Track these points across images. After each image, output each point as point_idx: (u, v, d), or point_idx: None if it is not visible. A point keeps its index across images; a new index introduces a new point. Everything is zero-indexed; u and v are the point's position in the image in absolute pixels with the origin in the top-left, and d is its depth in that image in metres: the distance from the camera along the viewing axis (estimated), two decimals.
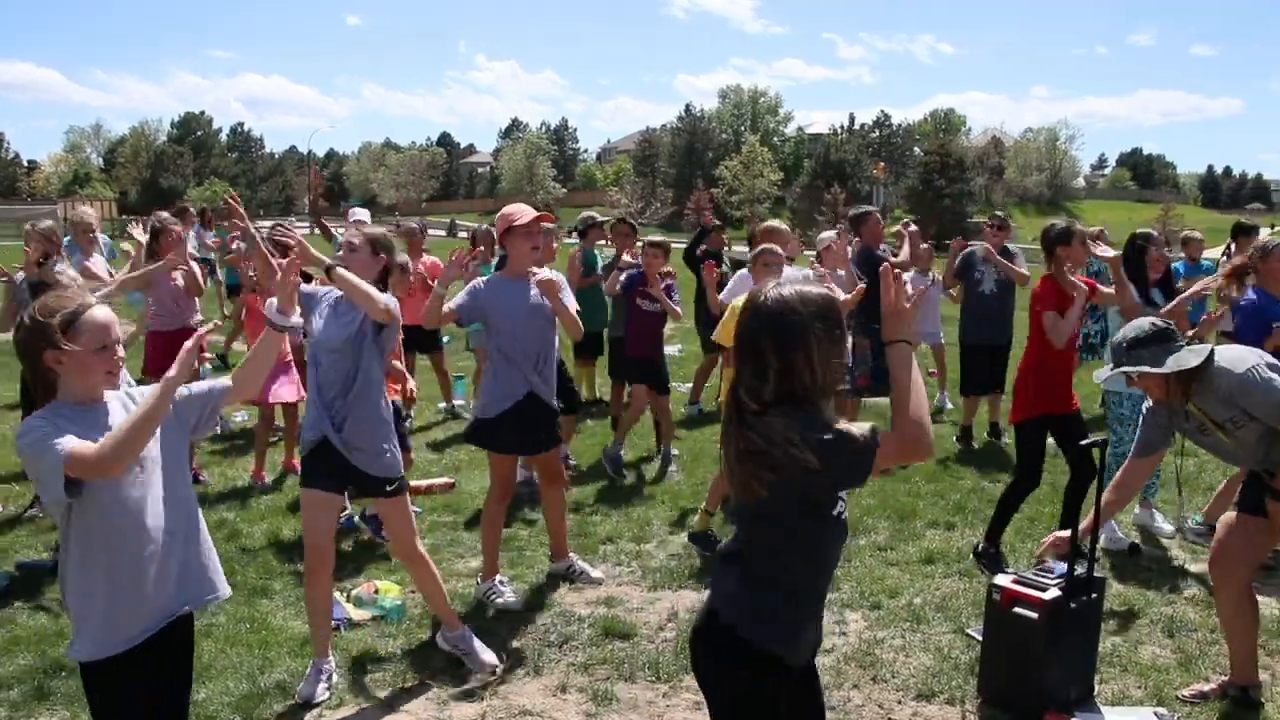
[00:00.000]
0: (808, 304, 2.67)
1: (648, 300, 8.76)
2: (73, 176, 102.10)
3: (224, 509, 7.68)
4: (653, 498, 7.92)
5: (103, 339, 3.07)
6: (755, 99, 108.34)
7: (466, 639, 5.16)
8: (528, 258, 5.77)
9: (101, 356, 3.07)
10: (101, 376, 3.10)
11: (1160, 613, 5.81)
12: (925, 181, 78.08)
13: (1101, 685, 4.91)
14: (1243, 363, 4.40)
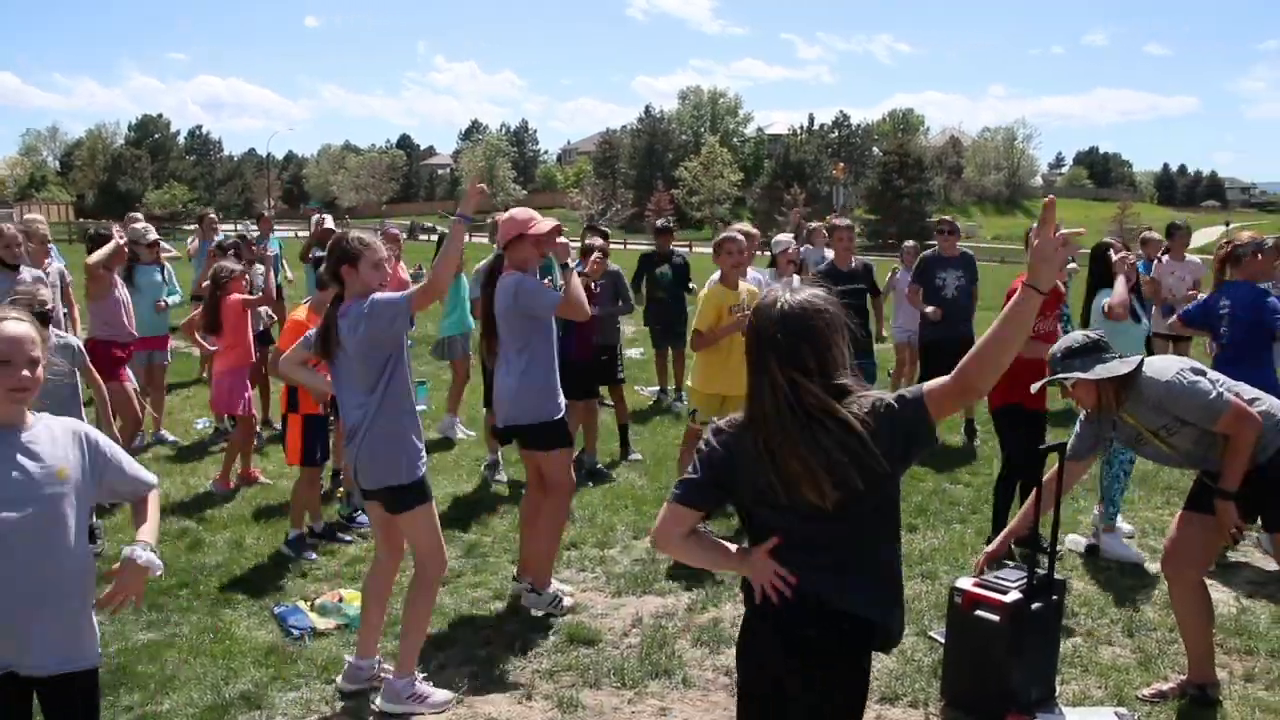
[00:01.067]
0: (827, 302, 2.79)
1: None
2: (29, 180, 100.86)
3: (185, 518, 7.62)
4: (616, 503, 7.93)
5: (5, 354, 2.92)
6: (715, 100, 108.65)
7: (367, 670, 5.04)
8: (531, 265, 5.78)
9: (4, 372, 2.91)
10: (3, 394, 2.94)
11: (1120, 613, 5.90)
12: (885, 181, 78.59)
13: (1063, 686, 4.97)
14: (1167, 370, 4.51)
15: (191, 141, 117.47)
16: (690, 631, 5.61)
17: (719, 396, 7.07)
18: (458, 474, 8.84)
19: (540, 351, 5.78)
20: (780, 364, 2.72)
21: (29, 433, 3.01)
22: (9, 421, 2.98)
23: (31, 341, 2.98)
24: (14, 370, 2.92)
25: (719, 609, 5.93)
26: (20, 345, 2.94)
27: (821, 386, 2.70)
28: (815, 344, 2.72)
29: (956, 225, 10.36)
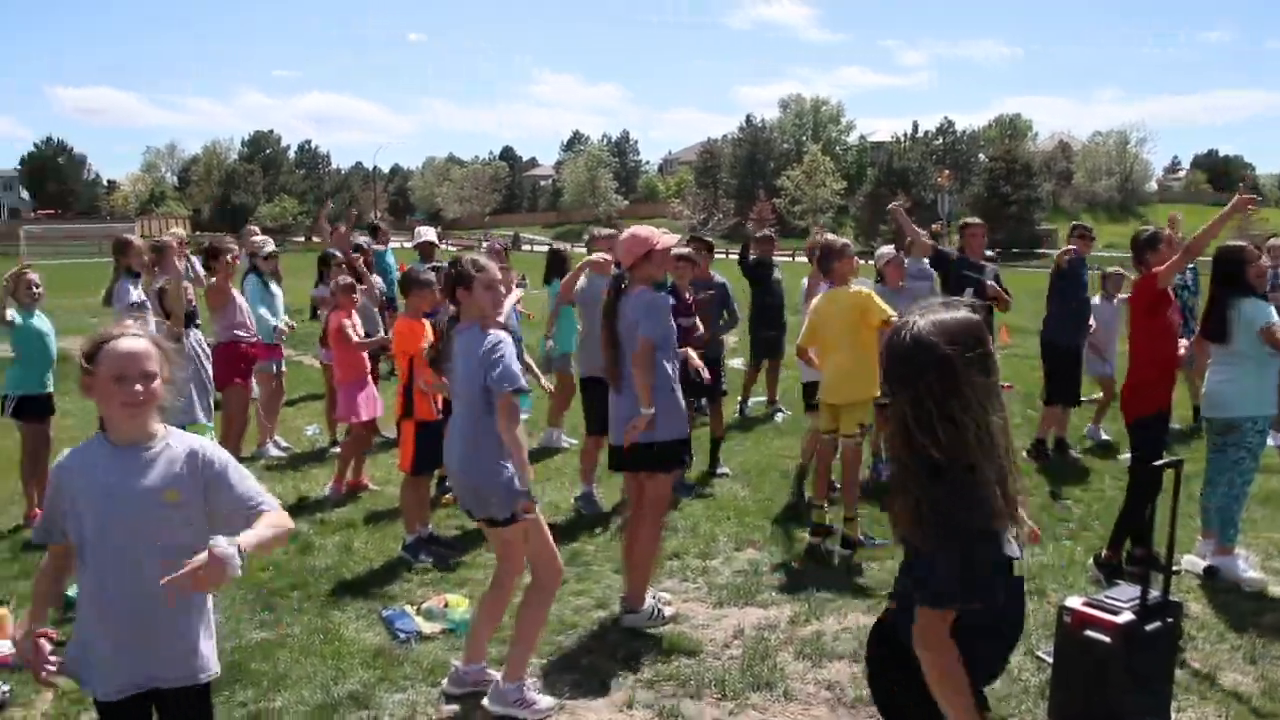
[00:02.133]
0: (946, 334, 2.50)
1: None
2: (149, 195, 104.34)
3: (298, 521, 7.79)
4: (718, 514, 7.91)
5: (120, 369, 2.97)
6: (817, 108, 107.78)
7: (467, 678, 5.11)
8: (658, 280, 5.92)
9: (118, 387, 2.97)
10: (118, 408, 3.01)
11: (1241, 639, 5.67)
12: (991, 188, 77.12)
13: (1179, 713, 4.82)
14: None
15: (301, 156, 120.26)
16: (792, 644, 5.58)
17: (833, 405, 7.11)
18: (560, 483, 8.90)
19: (668, 367, 5.84)
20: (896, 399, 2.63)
21: (151, 452, 3.05)
22: (133, 438, 3.05)
23: (146, 356, 3.01)
24: (128, 385, 2.97)
25: (821, 622, 5.88)
26: (134, 360, 2.99)
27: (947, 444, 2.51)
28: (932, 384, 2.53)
29: (1088, 230, 10.12)
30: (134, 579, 3.00)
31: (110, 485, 3.02)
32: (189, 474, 3.06)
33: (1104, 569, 6.46)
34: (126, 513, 3.01)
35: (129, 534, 3.01)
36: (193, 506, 3.06)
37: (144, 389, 2.99)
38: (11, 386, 7.79)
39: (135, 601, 3.02)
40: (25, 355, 7.78)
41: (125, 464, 3.03)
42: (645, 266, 5.82)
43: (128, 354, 2.99)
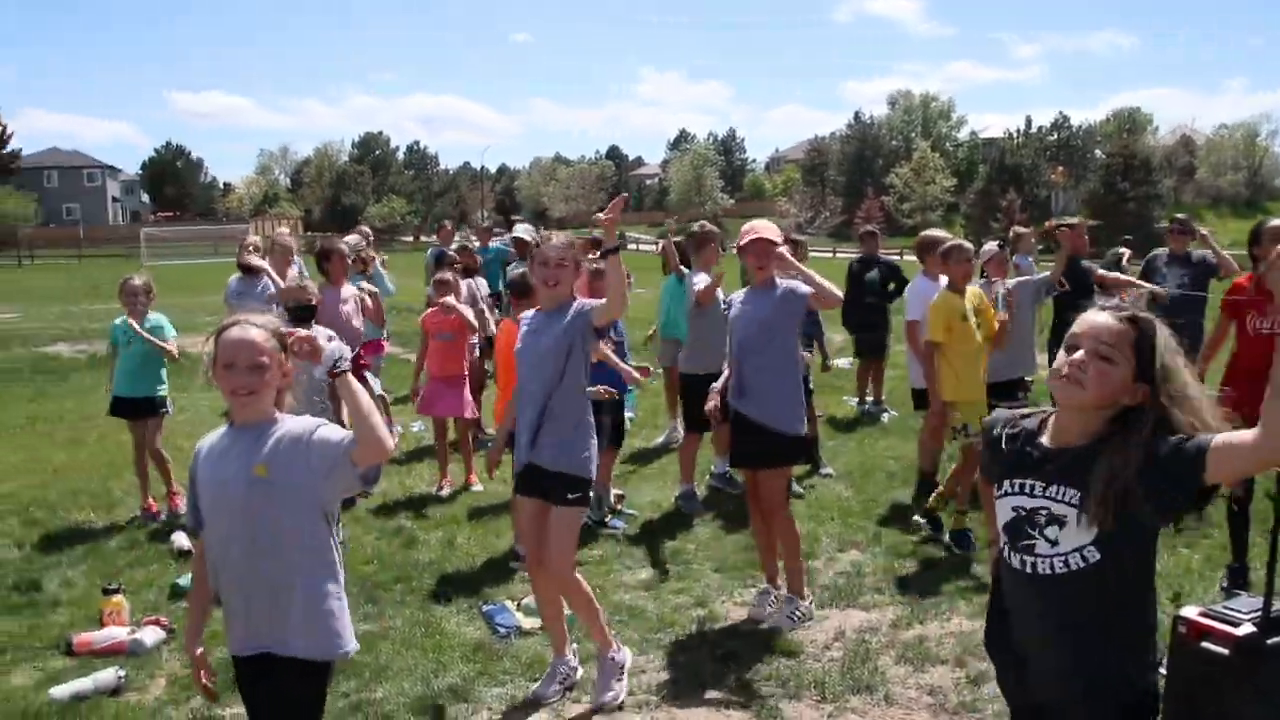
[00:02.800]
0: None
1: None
2: (263, 197, 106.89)
3: (401, 517, 7.95)
4: (821, 514, 7.84)
5: (229, 357, 3.10)
6: (926, 104, 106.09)
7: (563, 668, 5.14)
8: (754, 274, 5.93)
9: (226, 375, 3.10)
10: (228, 395, 3.14)
11: None
12: (1107, 185, 75.17)
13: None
14: None
15: (409, 156, 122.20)
16: (894, 648, 5.51)
17: (951, 403, 7.07)
18: (661, 481, 8.91)
19: (796, 358, 5.88)
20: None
21: (258, 432, 3.15)
22: (247, 420, 3.18)
23: (255, 346, 3.11)
24: (236, 373, 3.10)
25: (924, 626, 5.79)
26: (242, 349, 3.10)
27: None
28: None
29: (1189, 224, 9.84)
30: (230, 555, 3.17)
31: (217, 464, 3.19)
32: (288, 451, 3.10)
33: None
34: (226, 489, 3.15)
35: (228, 509, 3.16)
36: (287, 486, 3.10)
37: (249, 379, 3.10)
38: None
39: (237, 576, 3.19)
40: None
41: (234, 444, 3.18)
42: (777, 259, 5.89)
43: (235, 343, 3.11)
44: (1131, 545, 2.65)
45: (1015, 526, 2.76)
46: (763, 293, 5.81)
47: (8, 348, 19.00)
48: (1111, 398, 2.62)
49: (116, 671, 5.27)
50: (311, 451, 3.08)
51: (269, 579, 3.16)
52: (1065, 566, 2.67)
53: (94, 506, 8.46)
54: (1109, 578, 2.66)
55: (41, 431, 11.67)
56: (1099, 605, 2.69)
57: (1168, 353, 2.60)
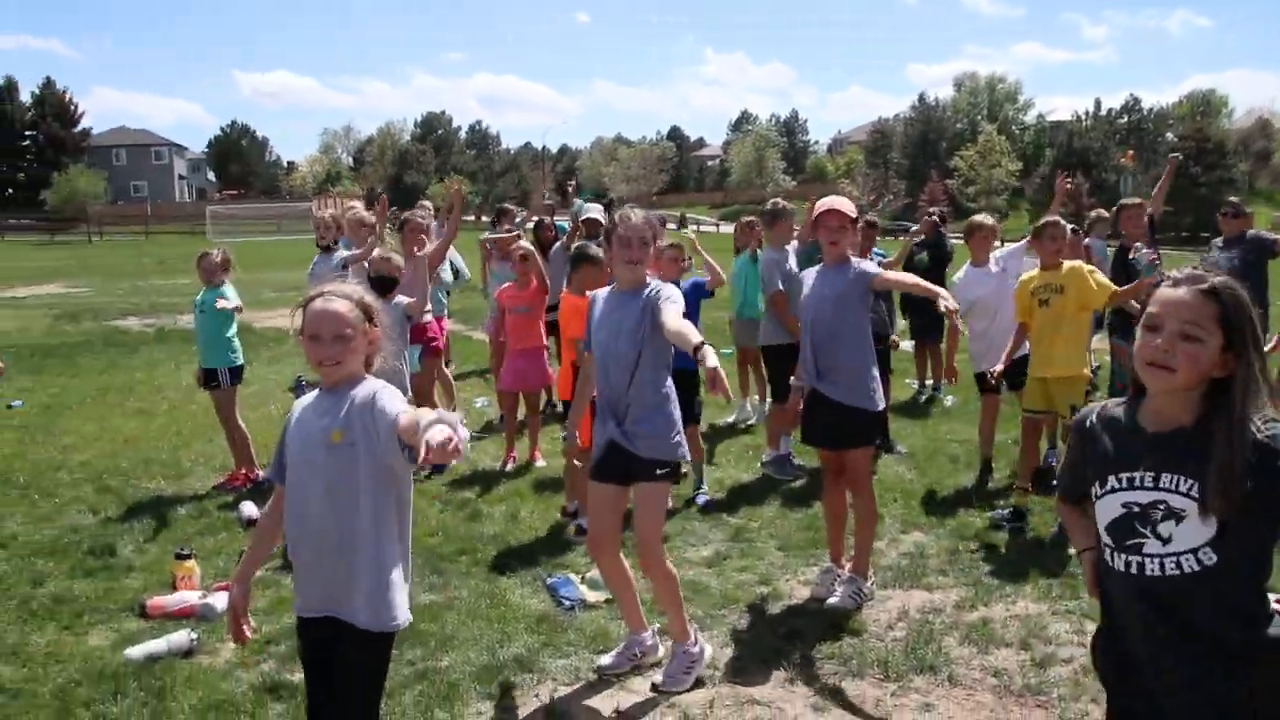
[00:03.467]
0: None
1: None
2: (326, 176, 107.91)
3: (467, 490, 8.04)
4: (884, 496, 7.80)
5: (313, 329, 3.23)
6: (992, 86, 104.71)
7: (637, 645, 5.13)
8: (827, 251, 5.84)
9: (311, 346, 3.24)
10: (315, 365, 3.28)
11: None
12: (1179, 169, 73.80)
13: None
14: None
15: (471, 136, 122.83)
16: (958, 629, 5.48)
17: (1041, 379, 7.02)
18: (725, 459, 8.93)
19: (869, 335, 5.84)
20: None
21: (337, 396, 3.26)
22: (334, 384, 3.29)
23: (340, 318, 3.22)
24: (321, 344, 3.22)
25: (989, 608, 5.76)
26: (327, 321, 3.21)
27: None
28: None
29: (1241, 207, 9.68)
30: (307, 514, 3.27)
31: (305, 424, 3.30)
32: (360, 416, 3.17)
33: None
34: (305, 451, 3.27)
35: (306, 471, 3.26)
36: (361, 449, 3.17)
37: (333, 350, 3.21)
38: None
39: (310, 535, 3.28)
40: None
41: (316, 407, 3.30)
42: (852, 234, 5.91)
43: (319, 315, 3.23)
44: (1247, 548, 2.48)
45: (1124, 524, 2.57)
46: (835, 271, 5.73)
47: (79, 322, 19.41)
48: (1203, 376, 2.48)
49: (189, 634, 5.38)
50: (377, 419, 3.13)
51: (339, 543, 3.24)
52: (1177, 569, 2.49)
53: (164, 476, 8.63)
54: (1224, 583, 2.48)
55: (113, 402, 11.91)
56: (1213, 614, 2.50)
57: (1250, 320, 2.48)
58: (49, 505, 7.53)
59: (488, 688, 4.89)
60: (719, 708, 4.71)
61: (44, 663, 5.21)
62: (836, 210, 5.71)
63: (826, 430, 5.87)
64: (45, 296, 24.39)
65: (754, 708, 4.70)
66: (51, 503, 7.63)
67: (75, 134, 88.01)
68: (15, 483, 8.30)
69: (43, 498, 7.91)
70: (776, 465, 8.39)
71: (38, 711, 4.69)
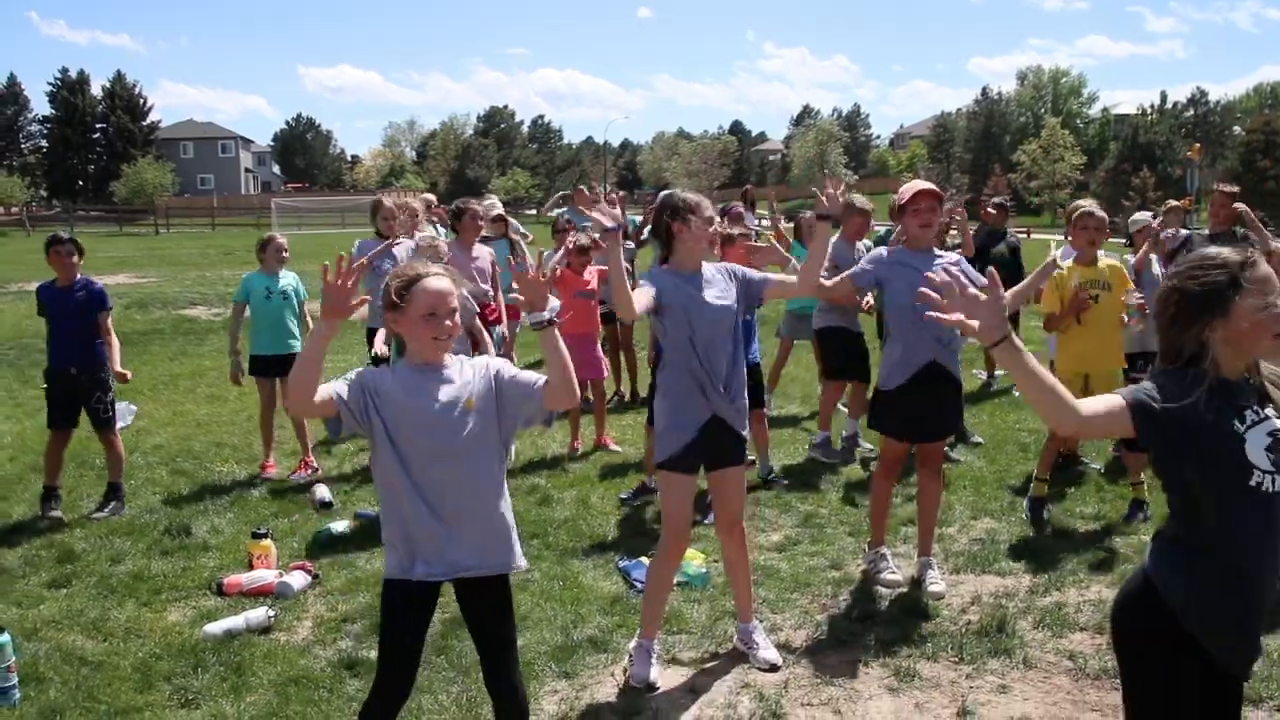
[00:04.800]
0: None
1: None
2: (389, 169, 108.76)
3: (536, 476, 8.09)
4: (955, 483, 7.75)
5: (431, 306, 3.29)
6: (1056, 79, 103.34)
7: (751, 632, 5.11)
8: (918, 235, 5.65)
9: (429, 323, 3.30)
10: (429, 341, 3.33)
11: None
12: (1246, 163, 72.25)
13: None
14: None
15: (534, 130, 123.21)
16: (1031, 613, 5.43)
17: (1083, 375, 6.90)
18: (790, 448, 8.90)
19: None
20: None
21: (448, 370, 3.40)
22: (432, 360, 3.38)
23: (452, 294, 3.35)
24: (439, 321, 3.32)
25: (1063, 593, 5.71)
26: (445, 298, 3.32)
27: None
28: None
29: None
30: (445, 481, 3.34)
31: (415, 393, 3.33)
32: (483, 381, 3.41)
33: None
34: (436, 423, 3.32)
35: (444, 441, 3.32)
36: (488, 410, 3.39)
37: (452, 324, 3.34)
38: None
39: (449, 497, 3.35)
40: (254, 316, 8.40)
41: (427, 378, 3.37)
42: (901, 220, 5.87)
43: (439, 292, 3.33)
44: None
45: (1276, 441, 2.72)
46: (924, 256, 5.56)
47: (148, 311, 19.75)
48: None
49: (267, 611, 5.47)
50: (505, 388, 3.42)
51: (478, 501, 3.40)
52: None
53: (237, 459, 8.78)
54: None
55: (184, 388, 12.13)
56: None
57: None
58: (125, 487, 7.66)
59: (563, 666, 4.93)
60: (794, 688, 4.71)
61: (124, 637, 5.33)
62: (927, 189, 5.63)
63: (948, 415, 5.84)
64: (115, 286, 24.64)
65: (828, 688, 4.70)
66: (127, 484, 7.77)
67: (144, 127, 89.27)
68: (92, 464, 8.45)
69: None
70: (824, 449, 8.49)
71: (120, 684, 4.79)
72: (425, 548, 3.37)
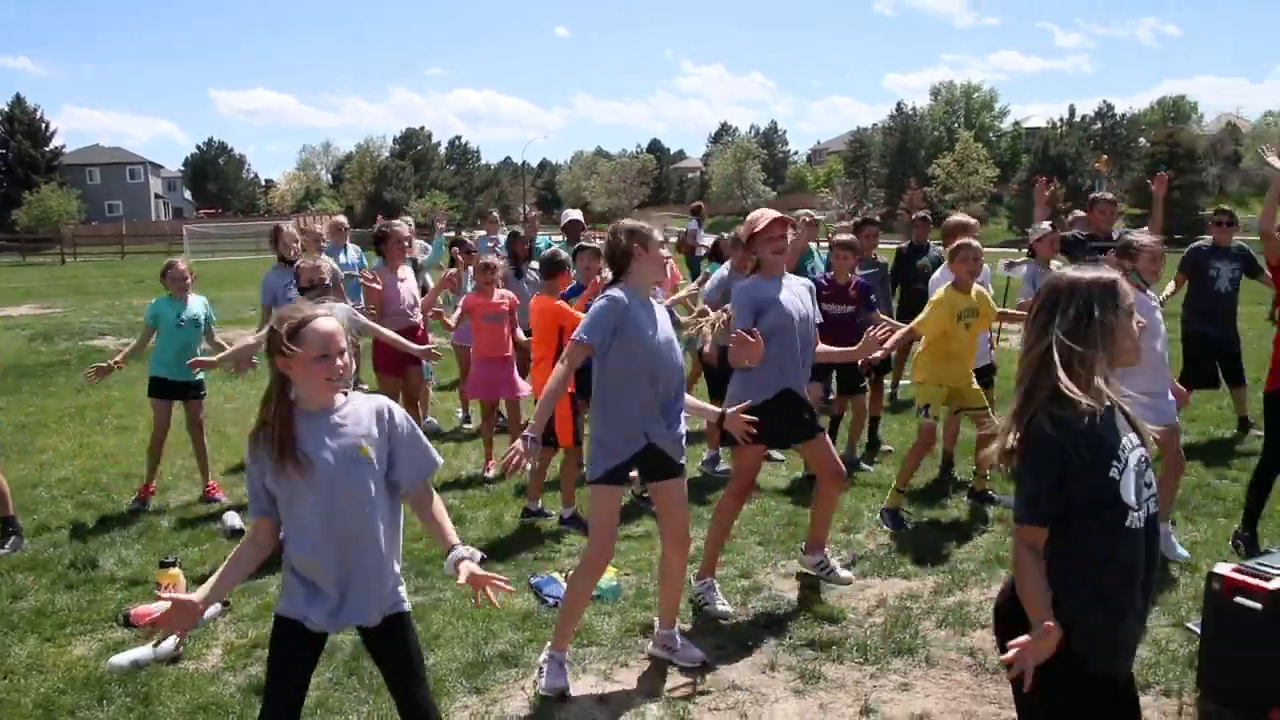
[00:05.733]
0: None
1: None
2: (304, 193, 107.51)
3: (450, 496, 8.08)
4: (863, 491, 7.90)
5: (323, 347, 3.25)
6: (969, 94, 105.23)
7: (673, 637, 5.20)
8: (774, 262, 5.80)
9: (322, 364, 3.25)
10: (322, 383, 3.28)
11: None
12: (1151, 173, 73.88)
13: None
14: None
15: (451, 152, 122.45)
16: (935, 613, 5.57)
17: (945, 388, 7.16)
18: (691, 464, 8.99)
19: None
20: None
21: (339, 414, 3.35)
22: (323, 404, 3.34)
23: (341, 334, 3.32)
24: (330, 362, 3.27)
25: (965, 593, 5.86)
26: (335, 339, 3.28)
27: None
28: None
29: (1235, 216, 9.81)
30: (336, 530, 3.31)
31: (308, 449, 3.28)
32: (377, 430, 3.37)
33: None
34: (326, 472, 3.27)
35: (328, 488, 3.28)
36: (379, 459, 3.37)
37: (344, 364, 3.29)
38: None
39: (340, 548, 3.32)
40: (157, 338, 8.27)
41: (320, 427, 3.31)
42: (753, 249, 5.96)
43: (329, 334, 3.28)
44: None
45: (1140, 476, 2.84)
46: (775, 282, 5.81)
47: (53, 342, 19.30)
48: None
49: (175, 640, 5.40)
50: (403, 444, 3.42)
51: (371, 546, 3.36)
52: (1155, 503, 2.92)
53: None
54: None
55: (91, 420, 11.88)
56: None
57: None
58: (27, 521, 7.50)
59: (474, 682, 4.95)
60: (702, 694, 4.79)
61: (25, 673, 5.22)
62: (781, 217, 5.81)
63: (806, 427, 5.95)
64: (18, 318, 24.21)
65: (735, 693, 4.78)
66: (30, 519, 7.61)
67: (47, 153, 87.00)
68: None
69: (21, 514, 7.86)
70: (711, 464, 8.62)
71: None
72: (316, 598, 3.38)
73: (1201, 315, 9.31)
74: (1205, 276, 9.34)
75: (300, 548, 3.35)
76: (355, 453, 3.30)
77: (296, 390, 3.32)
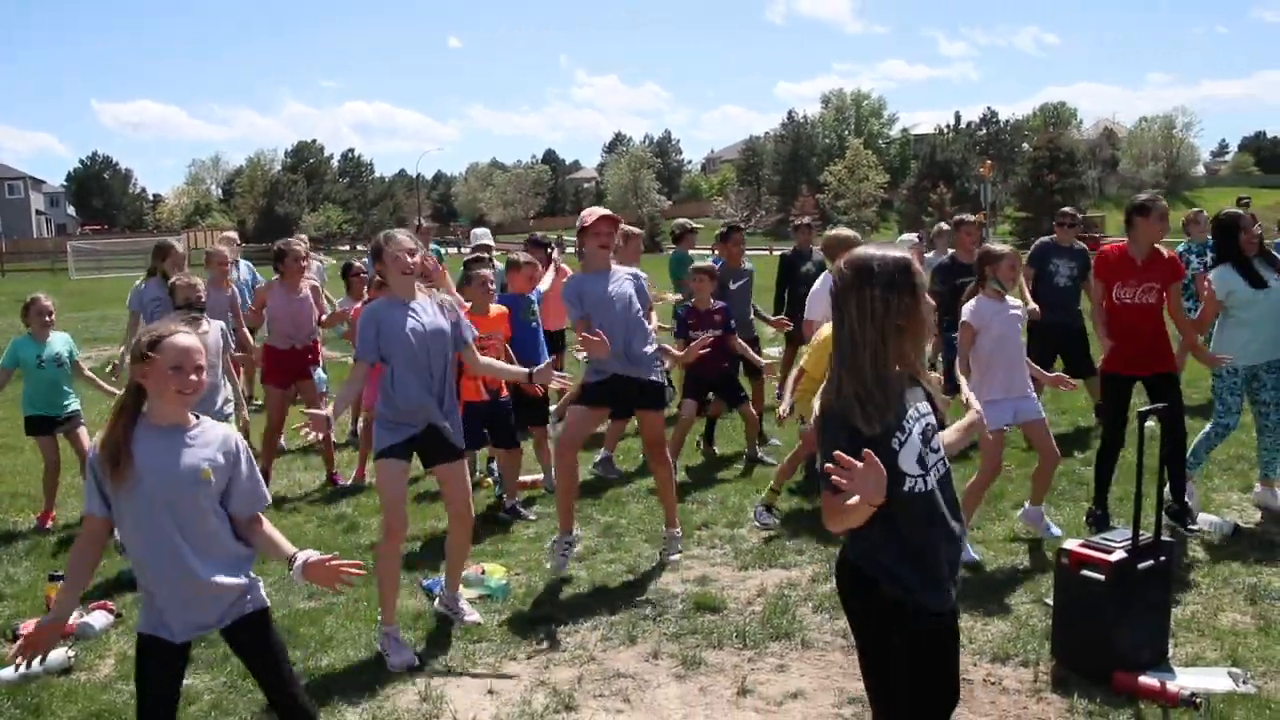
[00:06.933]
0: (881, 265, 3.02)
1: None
2: (194, 208, 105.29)
3: (342, 505, 8.16)
4: (747, 488, 8.17)
5: (178, 360, 3.36)
6: (858, 102, 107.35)
7: (458, 599, 5.81)
8: (600, 255, 6.45)
9: (175, 375, 3.35)
10: (173, 394, 3.38)
11: (1244, 581, 5.90)
12: (1035, 177, 76.50)
13: (1177, 648, 5.04)
14: None
15: (344, 165, 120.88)
16: (812, 599, 5.84)
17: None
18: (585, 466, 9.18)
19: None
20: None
21: (190, 434, 3.48)
22: (175, 421, 3.46)
23: (199, 351, 3.44)
24: (183, 375, 3.38)
25: None
26: (189, 354, 3.39)
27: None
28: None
29: (1077, 217, 10.32)
30: (177, 544, 3.42)
31: (152, 462, 3.39)
32: (223, 458, 3.50)
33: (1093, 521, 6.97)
34: (166, 487, 3.39)
35: (167, 505, 3.40)
36: (218, 486, 3.50)
37: (197, 379, 3.41)
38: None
39: (175, 566, 3.43)
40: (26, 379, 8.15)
41: (168, 443, 3.43)
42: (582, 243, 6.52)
43: (186, 349, 3.40)
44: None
45: (926, 443, 3.05)
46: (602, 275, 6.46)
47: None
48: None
49: (66, 652, 5.43)
50: (239, 479, 3.55)
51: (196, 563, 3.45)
52: (945, 465, 3.14)
53: (33, 509, 8.53)
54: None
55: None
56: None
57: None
58: None
59: (367, 681, 5.06)
60: (587, 683, 4.98)
61: None
62: (609, 216, 6.47)
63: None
64: None
65: (619, 680, 4.98)
66: None
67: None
68: None
69: None
70: (605, 466, 8.70)
71: None
72: (169, 611, 3.49)
73: (1045, 306, 9.76)
74: (1046, 271, 9.82)
75: (137, 553, 3.49)
76: (197, 474, 3.41)
77: (150, 401, 3.44)
